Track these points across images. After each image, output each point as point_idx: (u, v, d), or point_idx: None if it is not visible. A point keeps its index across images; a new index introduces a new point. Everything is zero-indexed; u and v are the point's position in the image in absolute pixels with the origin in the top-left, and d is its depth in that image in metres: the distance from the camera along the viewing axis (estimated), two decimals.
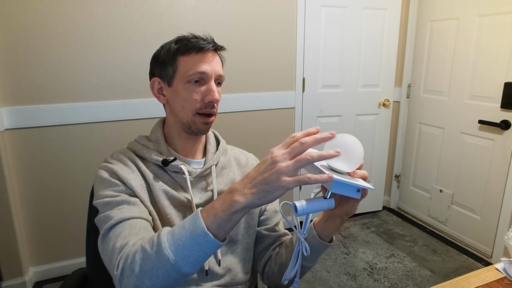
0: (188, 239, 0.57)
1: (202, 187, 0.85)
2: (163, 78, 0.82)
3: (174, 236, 0.59)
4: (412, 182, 2.82)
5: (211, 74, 0.79)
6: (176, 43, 0.80)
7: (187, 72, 0.77)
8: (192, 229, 0.58)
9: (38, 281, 1.99)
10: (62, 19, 1.79)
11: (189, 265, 0.58)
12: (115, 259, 0.63)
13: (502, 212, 2.11)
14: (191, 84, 0.78)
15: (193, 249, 0.57)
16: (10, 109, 1.78)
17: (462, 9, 2.26)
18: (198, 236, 0.57)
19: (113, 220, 0.69)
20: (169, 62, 0.80)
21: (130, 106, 2.01)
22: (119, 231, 0.68)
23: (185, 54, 0.78)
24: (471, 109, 2.26)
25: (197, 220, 0.58)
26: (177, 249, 0.57)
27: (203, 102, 0.78)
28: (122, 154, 0.83)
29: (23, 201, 1.90)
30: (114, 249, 0.65)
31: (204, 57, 0.78)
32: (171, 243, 0.58)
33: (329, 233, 0.75)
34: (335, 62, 2.49)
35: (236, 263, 0.86)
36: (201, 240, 0.57)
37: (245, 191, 0.57)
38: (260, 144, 2.40)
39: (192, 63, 0.78)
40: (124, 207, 0.72)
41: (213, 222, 0.57)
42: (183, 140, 0.85)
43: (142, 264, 0.59)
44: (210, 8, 2.08)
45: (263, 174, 0.55)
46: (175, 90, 0.80)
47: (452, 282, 0.86)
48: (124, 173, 0.77)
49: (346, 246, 2.40)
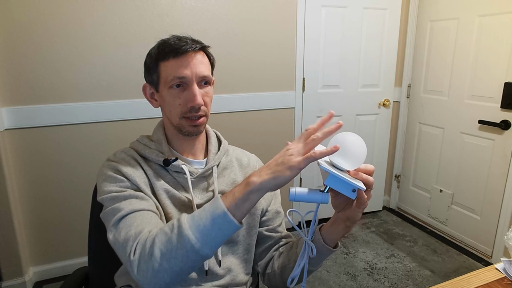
0: (209, 219, 0.60)
1: (203, 188, 0.85)
2: (152, 84, 0.83)
3: (195, 218, 0.61)
4: (412, 182, 2.82)
5: (191, 77, 0.77)
6: (158, 48, 0.79)
7: (167, 77, 0.77)
8: (212, 210, 0.60)
9: (38, 281, 1.99)
10: (62, 19, 1.79)
11: (207, 246, 0.59)
12: (130, 246, 0.64)
13: (502, 212, 2.11)
14: (173, 89, 0.78)
15: (212, 229, 0.59)
16: (10, 109, 1.78)
17: (462, 9, 2.26)
18: (218, 216, 0.59)
19: (123, 211, 0.69)
20: (153, 68, 0.80)
21: (130, 106, 2.01)
22: (131, 221, 0.68)
23: (164, 59, 0.77)
24: (471, 109, 2.26)
25: (217, 201, 0.61)
26: (197, 229, 0.59)
27: (186, 106, 0.78)
28: (124, 153, 0.83)
29: (23, 201, 1.90)
30: (128, 237, 0.65)
31: (183, 60, 0.76)
32: (191, 223, 0.60)
33: (333, 238, 0.75)
34: (335, 62, 2.49)
35: (236, 263, 0.86)
36: (221, 220, 0.59)
37: (261, 173, 0.60)
38: (260, 144, 2.40)
39: (171, 68, 0.76)
40: (132, 200, 0.73)
41: (231, 202, 0.60)
42: (181, 141, 0.86)
43: (162, 246, 0.60)
44: (210, 8, 2.08)
45: (277, 160, 0.60)
46: (161, 96, 0.81)
47: (452, 282, 0.86)
48: (128, 170, 0.77)
49: (346, 246, 2.40)
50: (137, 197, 0.74)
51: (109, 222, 0.71)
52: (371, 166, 0.65)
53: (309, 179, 2.63)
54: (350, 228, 0.72)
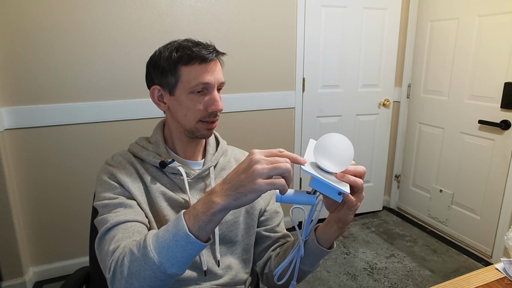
0: (172, 241, 0.59)
1: (201, 188, 0.85)
2: (164, 86, 0.80)
3: (159, 239, 0.60)
4: (412, 182, 2.82)
5: (214, 84, 0.78)
6: (177, 51, 0.77)
7: (190, 82, 0.76)
8: (175, 231, 0.59)
9: (38, 281, 2.00)
10: (62, 19, 1.79)
11: (174, 266, 0.59)
12: (108, 262, 0.65)
13: (502, 212, 2.11)
14: (195, 94, 0.78)
15: (177, 250, 0.58)
16: (10, 109, 1.78)
17: (462, 9, 2.26)
18: (180, 238, 0.58)
19: (109, 223, 0.71)
20: (171, 71, 0.78)
21: (130, 106, 2.01)
22: (113, 235, 0.69)
23: (188, 64, 0.76)
24: (471, 109, 2.26)
25: (180, 222, 0.59)
26: (161, 251, 0.59)
27: (206, 111, 0.79)
28: (121, 156, 0.84)
29: (23, 201, 1.90)
30: (108, 252, 0.67)
31: (207, 67, 0.77)
32: (155, 245, 0.59)
33: (328, 239, 0.74)
34: (335, 62, 2.49)
35: (235, 263, 0.86)
36: (184, 242, 0.58)
37: (222, 192, 0.58)
38: (260, 144, 2.40)
39: (195, 74, 0.76)
40: (120, 210, 0.74)
41: (194, 223, 0.58)
42: (184, 144, 0.86)
43: (130, 266, 0.61)
44: (210, 8, 2.08)
45: (240, 176, 0.57)
46: (178, 100, 0.79)
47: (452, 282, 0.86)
48: (122, 176, 0.78)
49: (346, 246, 2.40)
50: (125, 206, 0.75)
51: (98, 232, 0.72)
52: (361, 168, 0.63)
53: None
54: (343, 230, 0.71)
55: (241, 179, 0.56)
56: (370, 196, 2.86)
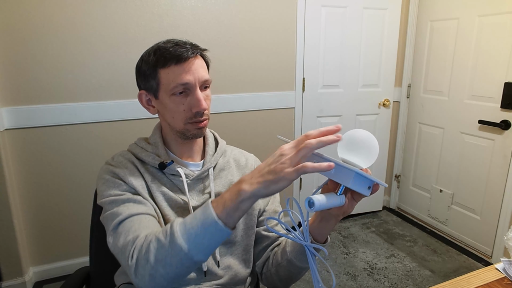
0: (200, 228, 0.60)
1: (200, 190, 0.85)
2: (149, 90, 0.81)
3: (186, 226, 0.61)
4: (412, 182, 2.82)
5: (194, 83, 0.76)
6: (154, 54, 0.77)
7: (170, 85, 0.75)
8: (203, 218, 0.60)
9: (38, 281, 2.00)
10: (62, 19, 1.79)
11: (201, 253, 0.60)
12: (129, 251, 0.65)
13: (502, 212, 2.11)
14: (176, 96, 0.77)
15: (204, 237, 0.59)
16: (10, 109, 1.78)
17: (462, 9, 2.26)
18: (209, 225, 0.59)
19: (121, 216, 0.70)
20: (151, 75, 0.78)
21: (130, 106, 2.01)
22: (129, 226, 0.69)
23: (165, 66, 0.75)
24: (471, 109, 2.26)
25: (208, 210, 0.60)
26: (189, 238, 0.60)
27: (190, 112, 0.78)
28: (122, 156, 0.84)
29: (23, 201, 1.90)
30: (127, 242, 0.67)
31: (184, 66, 0.75)
32: (183, 232, 0.60)
33: (323, 234, 0.75)
34: (335, 62, 2.48)
35: (235, 264, 0.86)
36: (212, 229, 0.59)
37: (252, 180, 0.58)
38: (260, 144, 2.40)
39: (173, 75, 0.75)
40: (130, 204, 0.73)
41: (223, 211, 0.59)
42: (179, 145, 0.86)
43: (157, 253, 0.61)
44: (210, 8, 2.08)
45: (270, 166, 0.58)
46: (162, 103, 0.79)
47: (452, 282, 0.86)
48: (125, 174, 0.78)
49: (346, 246, 2.40)
50: (135, 201, 0.74)
51: (108, 226, 0.72)
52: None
53: (309, 176, 2.63)
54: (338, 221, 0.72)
55: (271, 168, 0.57)
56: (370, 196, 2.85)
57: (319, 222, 0.74)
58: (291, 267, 0.82)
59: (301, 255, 0.78)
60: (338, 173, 0.59)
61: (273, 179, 0.56)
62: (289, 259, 0.81)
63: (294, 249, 0.80)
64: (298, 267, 0.81)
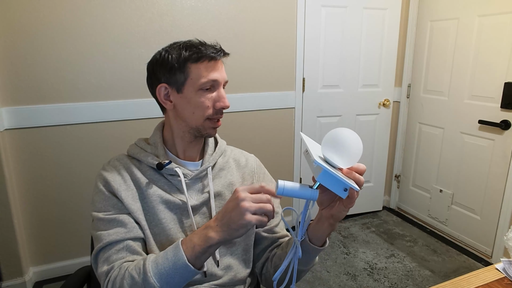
0: (171, 268, 0.67)
1: (199, 189, 0.85)
2: (171, 84, 0.81)
3: (158, 266, 0.67)
4: (412, 182, 2.82)
5: (221, 81, 0.82)
6: (186, 50, 0.79)
7: (200, 79, 0.78)
8: (174, 260, 0.67)
9: (38, 281, 2.00)
10: (62, 19, 1.79)
11: None
12: (104, 281, 0.71)
13: (502, 212, 2.11)
14: (203, 91, 0.80)
15: (175, 276, 0.67)
16: (10, 109, 1.78)
17: (462, 9, 2.26)
18: (180, 267, 0.66)
19: (102, 243, 0.74)
20: (179, 69, 0.79)
21: (130, 106, 2.01)
22: (106, 255, 0.74)
23: (197, 61, 0.79)
24: (471, 109, 2.26)
25: (179, 252, 0.67)
26: (161, 277, 0.66)
27: (214, 108, 0.81)
28: (118, 161, 0.84)
29: (23, 201, 1.90)
30: (102, 272, 0.72)
31: (215, 65, 0.81)
32: (155, 271, 0.67)
33: (319, 237, 0.75)
34: (335, 62, 2.49)
35: (235, 264, 0.86)
36: (182, 270, 0.66)
37: (217, 228, 0.66)
38: (260, 144, 2.40)
39: (204, 71, 0.79)
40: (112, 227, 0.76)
41: (192, 254, 0.67)
42: (186, 143, 0.86)
43: None
44: (210, 8, 2.08)
45: (230, 214, 0.65)
46: (186, 97, 0.80)
47: (452, 282, 0.86)
48: (116, 184, 0.79)
49: (346, 246, 2.40)
50: (117, 223, 0.76)
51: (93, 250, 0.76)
52: (363, 166, 0.64)
53: (310, 174, 2.63)
54: (334, 227, 0.73)
55: (231, 216, 0.64)
56: (370, 196, 2.86)
57: (315, 225, 0.75)
58: None
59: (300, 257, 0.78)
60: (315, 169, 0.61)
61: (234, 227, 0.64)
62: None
63: None
64: (298, 270, 0.81)
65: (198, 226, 0.82)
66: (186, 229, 0.82)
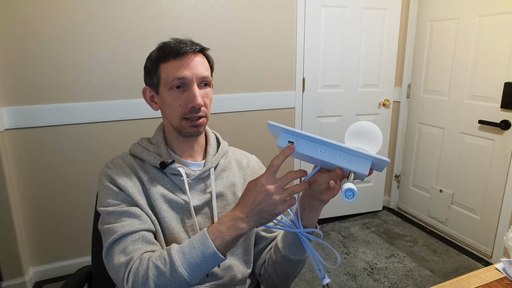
0: (200, 257, 0.66)
1: (201, 189, 0.85)
2: (152, 86, 0.83)
3: (185, 255, 0.67)
4: (412, 182, 2.82)
5: (191, 78, 0.78)
6: (158, 50, 0.81)
7: (168, 78, 0.78)
8: (203, 249, 0.66)
9: (38, 281, 1.99)
10: (62, 19, 1.79)
11: (197, 277, 0.67)
12: (123, 273, 0.68)
13: (502, 212, 2.11)
14: (174, 90, 0.79)
15: (202, 265, 0.66)
16: (10, 109, 1.78)
17: (462, 9, 2.26)
18: (208, 255, 0.66)
19: (116, 235, 0.72)
20: (153, 70, 0.81)
21: (130, 106, 2.01)
22: (123, 246, 0.72)
23: (165, 61, 0.78)
24: (471, 109, 2.26)
25: (207, 241, 0.66)
26: (189, 267, 0.66)
27: (186, 107, 0.79)
28: (121, 159, 0.84)
29: (23, 201, 1.90)
30: (120, 264, 0.70)
31: (182, 62, 0.78)
32: (183, 261, 0.66)
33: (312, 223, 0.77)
34: (335, 62, 2.48)
35: (236, 264, 0.87)
36: (211, 258, 0.66)
37: (248, 219, 0.66)
38: (260, 144, 2.40)
39: (171, 69, 0.78)
40: (125, 219, 0.75)
41: (221, 244, 0.66)
42: (180, 143, 0.86)
43: (157, 280, 0.66)
44: (210, 8, 2.08)
45: (261, 205, 0.65)
46: (162, 98, 0.82)
47: (452, 282, 0.86)
48: (121, 180, 0.79)
49: (346, 246, 2.40)
50: (130, 214, 0.75)
51: (104, 242, 0.74)
52: None
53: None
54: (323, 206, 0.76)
55: (263, 207, 0.65)
56: (370, 196, 2.86)
57: (308, 213, 0.76)
58: (287, 263, 0.83)
59: (293, 247, 0.80)
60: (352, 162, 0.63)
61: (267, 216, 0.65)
62: (283, 255, 0.82)
63: (286, 243, 0.82)
64: (293, 261, 0.82)
65: (200, 227, 0.82)
66: (188, 229, 0.82)
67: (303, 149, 0.64)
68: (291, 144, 0.64)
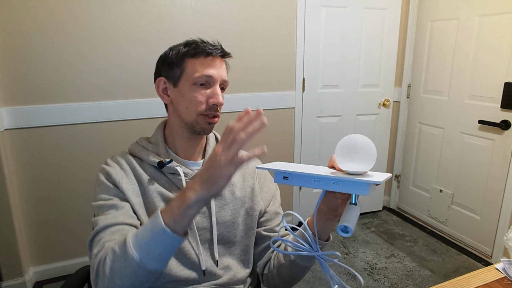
0: (149, 236, 0.61)
1: None
2: (169, 78, 0.84)
3: (137, 236, 0.63)
4: (412, 182, 2.82)
5: (217, 78, 0.81)
6: (185, 46, 0.82)
7: (194, 74, 0.80)
8: (152, 227, 0.62)
9: (38, 281, 1.99)
10: (62, 19, 1.79)
11: (153, 262, 0.61)
12: (93, 263, 0.68)
13: (502, 212, 2.11)
14: (197, 86, 0.80)
15: (155, 245, 0.61)
16: (10, 109, 1.78)
17: (462, 9, 2.26)
18: (157, 233, 0.61)
19: (98, 226, 0.73)
20: (177, 63, 0.82)
21: (130, 106, 2.01)
22: (100, 238, 0.71)
23: (194, 57, 0.81)
24: (471, 109, 2.26)
25: (156, 218, 0.62)
26: (140, 247, 0.61)
27: (207, 104, 0.81)
28: (120, 157, 0.85)
29: (23, 201, 1.90)
30: (94, 254, 0.69)
31: (212, 62, 0.81)
32: (134, 242, 0.62)
33: (327, 234, 0.76)
34: (335, 62, 2.48)
35: (234, 264, 0.87)
36: (161, 237, 0.60)
37: (195, 186, 0.60)
38: (260, 144, 2.39)
39: (199, 66, 0.80)
40: (111, 212, 0.75)
41: (170, 218, 0.61)
42: (185, 141, 0.86)
43: (112, 264, 0.63)
44: (210, 8, 2.08)
45: (208, 169, 0.59)
46: (181, 91, 0.82)
47: (452, 282, 0.86)
48: (118, 177, 0.79)
49: (346, 246, 2.40)
50: (117, 208, 0.75)
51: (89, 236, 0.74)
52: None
53: None
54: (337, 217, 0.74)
55: (209, 171, 0.59)
56: (370, 196, 2.84)
57: (323, 223, 0.74)
58: (294, 268, 0.82)
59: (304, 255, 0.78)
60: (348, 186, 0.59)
61: (213, 180, 0.58)
62: (292, 260, 0.81)
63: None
64: (302, 267, 0.81)
65: (198, 226, 0.82)
66: None
67: (298, 182, 0.63)
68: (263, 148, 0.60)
